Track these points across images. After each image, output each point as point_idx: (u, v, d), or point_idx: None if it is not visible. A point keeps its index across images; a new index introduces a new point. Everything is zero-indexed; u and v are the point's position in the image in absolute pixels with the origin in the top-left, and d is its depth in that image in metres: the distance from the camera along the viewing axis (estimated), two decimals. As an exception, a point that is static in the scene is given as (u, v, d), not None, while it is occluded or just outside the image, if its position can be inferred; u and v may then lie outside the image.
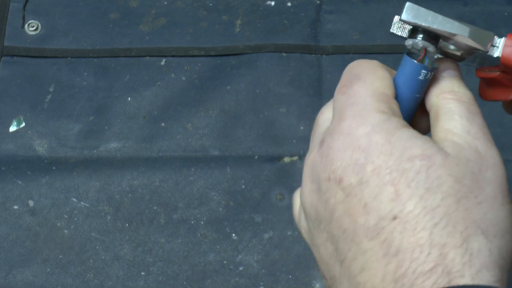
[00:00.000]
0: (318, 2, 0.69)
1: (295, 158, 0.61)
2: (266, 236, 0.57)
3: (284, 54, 0.66)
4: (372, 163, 0.31)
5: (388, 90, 0.34)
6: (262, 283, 0.56)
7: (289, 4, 0.69)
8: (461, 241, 0.28)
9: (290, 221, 0.58)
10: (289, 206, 0.58)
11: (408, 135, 0.31)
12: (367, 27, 0.67)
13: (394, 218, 0.29)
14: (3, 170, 0.60)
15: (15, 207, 0.59)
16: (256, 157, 0.61)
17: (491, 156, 0.31)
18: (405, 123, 0.32)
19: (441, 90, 0.34)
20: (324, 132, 0.34)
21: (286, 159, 0.61)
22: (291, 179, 0.59)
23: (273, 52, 0.66)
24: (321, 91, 0.64)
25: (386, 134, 0.31)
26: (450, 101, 0.33)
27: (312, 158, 0.35)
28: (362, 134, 0.32)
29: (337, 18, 0.68)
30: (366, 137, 0.31)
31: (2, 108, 0.64)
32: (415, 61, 0.34)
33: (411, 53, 0.35)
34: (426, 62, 0.34)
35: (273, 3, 0.69)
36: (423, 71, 0.34)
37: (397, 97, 0.34)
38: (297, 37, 0.66)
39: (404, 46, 0.35)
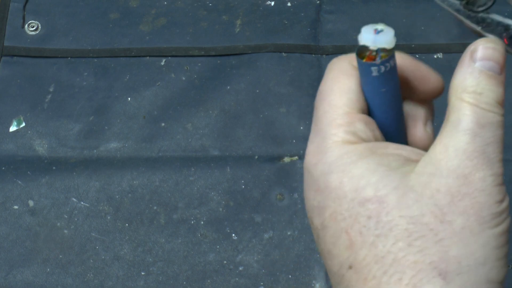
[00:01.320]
0: (318, 2, 0.69)
1: (295, 158, 0.61)
2: (266, 236, 0.57)
3: (284, 54, 0.66)
4: (329, 207, 0.29)
5: (352, 105, 0.31)
6: (262, 283, 0.56)
7: (289, 4, 0.69)
8: None
9: (290, 221, 0.58)
10: (289, 206, 0.59)
11: (364, 170, 0.29)
12: (367, 27, 0.67)
13: (350, 267, 0.28)
14: (3, 170, 0.60)
15: (15, 207, 0.59)
16: (256, 157, 0.61)
17: (480, 179, 0.28)
18: (365, 150, 0.30)
19: (462, 88, 0.30)
20: None
21: (286, 159, 0.61)
22: (291, 179, 0.59)
23: (273, 52, 0.66)
24: (321, 91, 0.64)
25: (340, 173, 0.29)
26: (465, 106, 0.29)
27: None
28: (320, 174, 0.30)
29: (337, 18, 0.68)
30: (322, 178, 0.30)
31: (2, 108, 0.64)
32: (363, 61, 0.30)
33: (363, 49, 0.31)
34: (378, 57, 0.30)
35: (273, 3, 0.69)
36: (372, 67, 0.30)
37: (369, 106, 0.32)
38: (297, 37, 0.66)
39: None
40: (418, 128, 0.34)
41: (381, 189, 0.28)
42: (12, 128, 0.63)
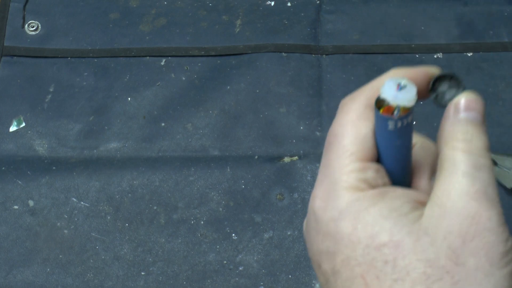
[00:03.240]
0: (318, 2, 0.69)
1: (295, 158, 0.61)
2: (266, 236, 0.57)
3: (284, 54, 0.66)
4: (341, 253, 0.30)
5: (365, 152, 0.31)
6: (262, 283, 0.56)
7: (289, 4, 0.69)
8: None
9: (290, 221, 0.58)
10: (289, 206, 0.59)
11: (377, 217, 0.29)
12: (367, 27, 0.67)
13: None
14: (3, 170, 0.60)
15: (15, 207, 0.59)
16: (256, 157, 0.61)
17: (487, 219, 0.29)
18: (376, 196, 0.30)
19: (451, 137, 0.31)
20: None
21: (286, 159, 0.61)
22: (291, 179, 0.59)
23: (273, 52, 0.66)
24: (321, 91, 0.64)
25: (353, 219, 0.29)
26: (458, 153, 0.30)
27: (304, 223, 0.34)
28: (330, 219, 0.30)
29: (337, 18, 0.68)
30: (333, 224, 0.30)
31: (2, 108, 0.64)
32: (380, 112, 0.30)
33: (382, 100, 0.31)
34: (396, 112, 0.30)
35: (273, 3, 0.69)
36: (389, 121, 0.30)
37: (379, 152, 0.32)
38: (297, 37, 0.66)
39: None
40: (423, 180, 0.34)
41: (396, 234, 0.29)
42: (12, 128, 0.63)
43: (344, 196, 0.30)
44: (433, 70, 0.33)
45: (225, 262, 0.56)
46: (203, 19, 0.68)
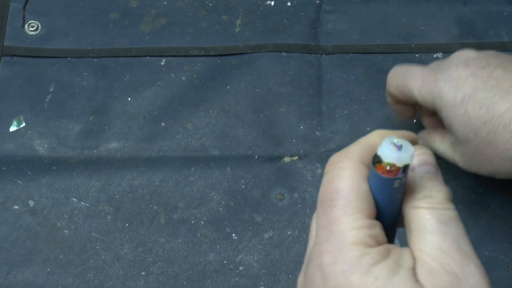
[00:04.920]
0: (318, 1, 0.69)
1: (295, 158, 0.61)
2: (266, 236, 0.57)
3: (284, 54, 0.66)
4: None
5: (369, 209, 0.32)
6: (262, 283, 0.56)
7: (289, 4, 0.69)
8: None
9: (290, 221, 0.58)
10: (289, 206, 0.59)
11: (386, 273, 0.30)
12: (367, 27, 0.67)
13: None
14: (3, 170, 0.60)
15: (15, 207, 0.59)
16: (256, 157, 0.61)
17: (469, 275, 0.30)
18: (383, 251, 0.31)
19: (412, 197, 0.32)
20: (309, 253, 0.33)
21: (286, 159, 0.61)
22: (291, 179, 0.59)
23: (273, 52, 0.66)
24: (321, 91, 0.64)
25: (362, 274, 0.30)
26: (421, 211, 0.32)
27: (300, 281, 0.34)
28: (339, 272, 0.31)
29: (337, 18, 0.68)
30: (343, 277, 0.30)
31: (2, 108, 0.64)
32: (386, 177, 0.31)
33: (379, 161, 0.31)
34: (401, 172, 0.31)
35: (272, 3, 0.69)
36: (395, 181, 0.31)
37: (376, 204, 0.33)
38: (297, 37, 0.66)
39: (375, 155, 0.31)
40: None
41: None
42: (12, 128, 0.63)
43: (355, 251, 0.31)
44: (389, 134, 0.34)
45: (225, 262, 0.56)
46: (203, 19, 0.68)
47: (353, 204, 0.32)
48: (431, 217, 0.31)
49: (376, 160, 0.31)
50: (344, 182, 0.32)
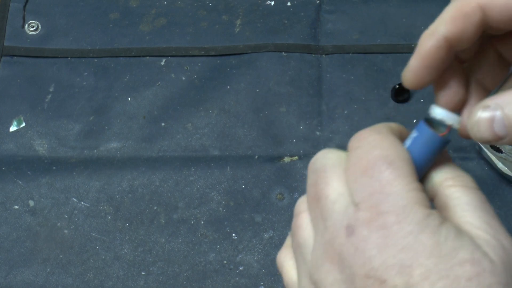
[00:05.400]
0: (318, 2, 0.69)
1: (295, 158, 0.61)
2: (266, 236, 0.57)
3: (284, 54, 0.66)
4: (421, 266, 0.29)
5: (415, 173, 0.32)
6: (262, 283, 0.56)
7: (289, 4, 0.69)
8: None
9: (290, 221, 0.58)
10: (289, 206, 0.58)
11: (454, 233, 0.30)
12: (367, 27, 0.67)
13: None
14: (3, 170, 0.60)
15: (16, 207, 0.59)
16: (256, 157, 0.61)
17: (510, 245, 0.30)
18: (440, 214, 0.31)
19: (444, 177, 0.33)
20: (349, 216, 0.32)
21: (286, 159, 0.61)
22: (291, 179, 0.59)
23: (273, 51, 0.66)
24: (321, 91, 0.64)
25: (432, 233, 0.30)
26: (457, 189, 0.32)
27: (339, 244, 0.32)
28: (407, 232, 0.30)
29: (337, 18, 0.68)
30: (411, 236, 0.30)
31: (2, 108, 0.64)
32: (439, 135, 0.32)
33: (429, 120, 0.33)
34: (447, 131, 0.33)
35: (272, 3, 0.69)
36: (444, 140, 0.33)
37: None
38: (297, 37, 0.66)
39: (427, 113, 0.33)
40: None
41: (475, 252, 0.29)
42: (12, 128, 0.63)
43: (420, 211, 0.30)
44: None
45: (225, 262, 0.56)
46: (203, 19, 0.68)
47: (405, 168, 0.32)
48: (470, 194, 0.32)
49: (428, 122, 0.33)
50: (388, 149, 0.32)
